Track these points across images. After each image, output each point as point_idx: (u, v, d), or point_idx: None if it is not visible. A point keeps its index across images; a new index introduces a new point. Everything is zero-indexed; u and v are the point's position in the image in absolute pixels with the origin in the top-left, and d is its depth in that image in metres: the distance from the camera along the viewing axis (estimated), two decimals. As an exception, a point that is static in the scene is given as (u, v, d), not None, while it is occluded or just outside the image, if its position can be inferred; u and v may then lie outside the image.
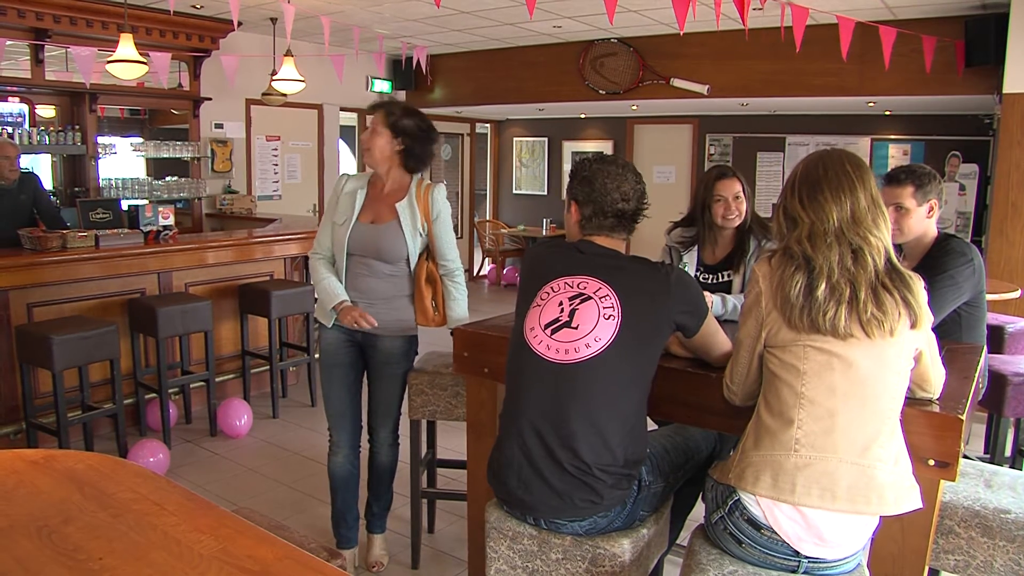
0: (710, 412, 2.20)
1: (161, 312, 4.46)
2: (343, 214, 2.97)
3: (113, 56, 5.16)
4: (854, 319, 1.81)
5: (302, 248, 5.73)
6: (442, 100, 9.30)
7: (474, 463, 2.73)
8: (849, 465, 1.79)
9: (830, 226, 1.86)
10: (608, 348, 2.02)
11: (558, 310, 2.10)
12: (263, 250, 5.49)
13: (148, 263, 4.79)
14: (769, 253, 1.97)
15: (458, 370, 2.70)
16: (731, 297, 2.94)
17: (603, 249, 2.17)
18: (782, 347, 1.88)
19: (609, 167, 2.17)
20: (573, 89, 8.23)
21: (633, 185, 2.16)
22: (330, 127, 8.81)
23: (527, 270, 2.29)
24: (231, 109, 7.67)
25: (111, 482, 1.58)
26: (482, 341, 2.62)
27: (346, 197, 3.00)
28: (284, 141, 8.35)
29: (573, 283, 2.12)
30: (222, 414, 4.82)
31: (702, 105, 8.32)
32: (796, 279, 1.84)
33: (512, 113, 10.82)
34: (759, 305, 1.92)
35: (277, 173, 8.32)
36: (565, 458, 2.02)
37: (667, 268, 2.11)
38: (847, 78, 6.70)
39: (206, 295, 5.05)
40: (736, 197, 3.10)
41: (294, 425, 5.09)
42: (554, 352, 2.06)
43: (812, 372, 1.83)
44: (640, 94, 7.89)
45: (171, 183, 7.07)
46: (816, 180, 1.89)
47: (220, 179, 7.64)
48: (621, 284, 2.08)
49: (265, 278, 5.54)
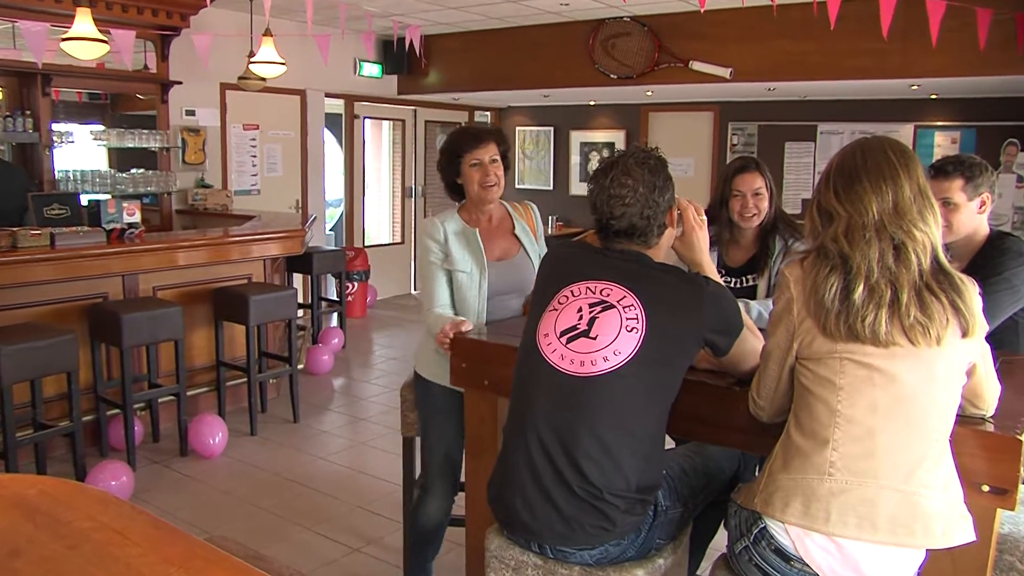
0: (734, 429, 2.19)
1: (126, 319, 4.46)
2: (463, 259, 2.99)
3: (68, 33, 5.10)
4: (896, 324, 1.79)
5: (283, 248, 5.75)
6: (437, 86, 9.30)
7: (473, 484, 2.73)
8: (891, 492, 1.79)
9: (869, 219, 1.84)
10: (628, 363, 2.02)
11: (576, 317, 2.10)
12: (240, 250, 5.49)
13: (111, 265, 4.79)
14: (801, 254, 1.96)
15: (456, 382, 2.71)
16: (756, 304, 2.94)
17: (631, 253, 2.17)
18: (816, 359, 1.87)
19: (601, 179, 2.17)
20: (582, 73, 8.20)
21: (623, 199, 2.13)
22: (314, 115, 8.79)
23: (546, 270, 2.32)
24: (204, 94, 7.66)
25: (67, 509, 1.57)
26: (482, 351, 2.63)
27: (457, 240, 3.02)
28: (263, 130, 8.35)
29: (596, 289, 2.12)
30: (194, 431, 4.82)
31: (724, 90, 8.27)
32: (831, 281, 1.84)
33: (515, 100, 10.78)
34: (790, 312, 1.92)
35: (255, 166, 8.32)
36: (574, 480, 2.02)
37: (701, 280, 2.11)
38: (888, 58, 6.66)
39: (176, 300, 5.06)
40: (756, 193, 3.09)
41: (274, 443, 5.11)
42: (568, 363, 2.07)
43: (850, 387, 1.82)
44: (656, 78, 7.86)
45: (137, 176, 7.07)
46: (853, 169, 1.88)
47: (192, 172, 7.64)
48: (648, 294, 2.08)
49: (242, 281, 5.57)
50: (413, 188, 10.32)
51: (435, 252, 3.01)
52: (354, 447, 5.10)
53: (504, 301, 3.06)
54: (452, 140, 3.05)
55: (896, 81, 7.00)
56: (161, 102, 7.25)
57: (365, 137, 9.78)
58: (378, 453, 4.98)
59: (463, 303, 3.01)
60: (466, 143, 3.00)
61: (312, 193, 8.88)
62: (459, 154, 2.99)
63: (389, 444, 5.06)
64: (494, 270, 3.01)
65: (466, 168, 2.99)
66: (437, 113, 10.48)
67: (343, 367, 7.01)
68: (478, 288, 3.00)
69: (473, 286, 3.00)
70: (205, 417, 4.91)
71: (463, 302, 3.01)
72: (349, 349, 7.53)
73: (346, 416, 5.74)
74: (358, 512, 4.13)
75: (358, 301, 8.90)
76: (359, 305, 8.93)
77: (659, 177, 2.19)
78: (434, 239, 3.02)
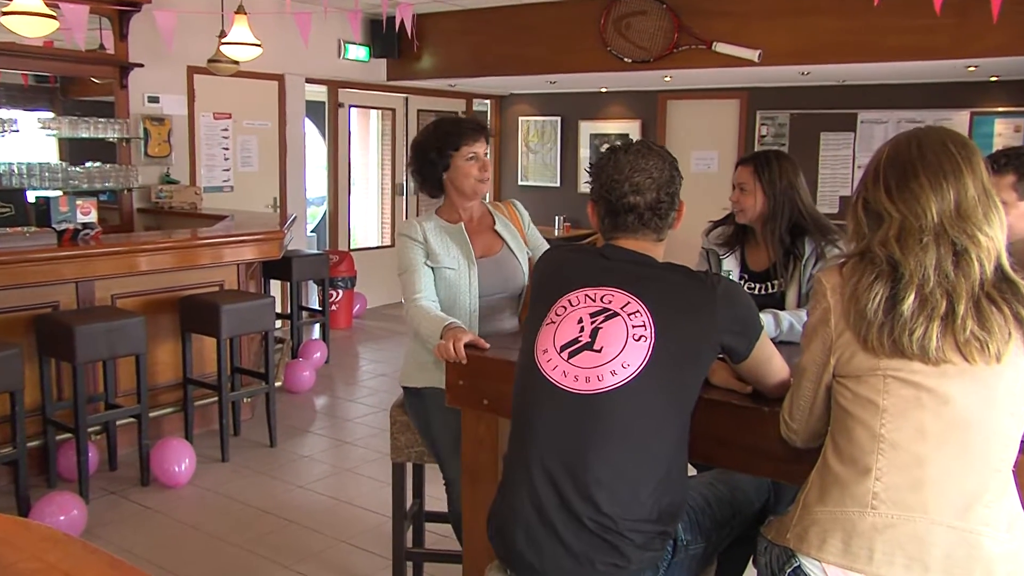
0: (763, 455, 2.19)
1: (80, 331, 4.45)
2: (449, 256, 3.10)
3: (10, 7, 5.04)
4: (948, 340, 1.78)
5: (259, 252, 5.75)
6: (431, 71, 9.30)
7: (471, 516, 2.74)
8: (945, 529, 1.77)
9: (927, 222, 1.82)
10: (638, 376, 2.03)
11: (577, 329, 2.11)
12: (211, 254, 5.49)
13: (63, 270, 4.76)
14: (840, 259, 1.97)
15: (452, 402, 2.72)
16: (786, 314, 2.97)
17: (633, 255, 2.20)
18: (856, 377, 1.86)
19: (619, 154, 2.24)
20: (592, 57, 8.20)
21: (649, 173, 2.20)
22: (294, 103, 8.78)
23: (540, 278, 2.34)
24: (169, 79, 7.64)
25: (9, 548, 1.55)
26: (481, 366, 2.63)
27: (439, 236, 3.13)
28: (237, 120, 8.31)
29: (596, 296, 2.14)
30: (157, 458, 4.81)
31: (752, 75, 8.27)
32: (876, 290, 1.83)
33: (517, 87, 10.80)
34: (826, 324, 1.91)
35: (228, 159, 8.31)
36: (584, 511, 2.02)
37: (712, 278, 2.14)
38: (940, 36, 6.63)
39: (138, 309, 5.03)
40: (741, 188, 3.25)
41: (249, 471, 5.09)
42: (572, 380, 2.08)
43: (895, 409, 1.81)
44: (675, 62, 7.84)
45: (92, 170, 7.03)
46: (908, 164, 1.86)
47: (156, 166, 7.64)
48: (654, 298, 2.09)
49: (213, 289, 5.56)
50: (404, 185, 10.32)
51: (415, 249, 3.11)
52: (338, 474, 5.10)
53: (493, 301, 3.15)
54: (446, 131, 3.13)
55: (950, 62, 6.97)
56: (120, 87, 7.23)
57: (351, 128, 9.78)
58: (365, 481, 4.97)
59: (454, 303, 3.08)
60: (466, 134, 3.10)
61: (292, 190, 8.88)
62: (456, 146, 3.09)
63: (378, 471, 5.05)
64: (483, 267, 3.11)
65: (460, 161, 3.10)
66: (431, 101, 10.49)
67: (326, 384, 6.99)
68: (468, 284, 3.08)
69: (463, 283, 3.08)
70: (170, 441, 4.89)
71: (454, 301, 3.08)
72: (333, 364, 7.52)
73: (329, 439, 5.74)
74: (343, 548, 4.11)
75: (343, 311, 8.90)
76: (344, 315, 8.93)
77: (677, 168, 2.27)
78: (412, 238, 3.11)
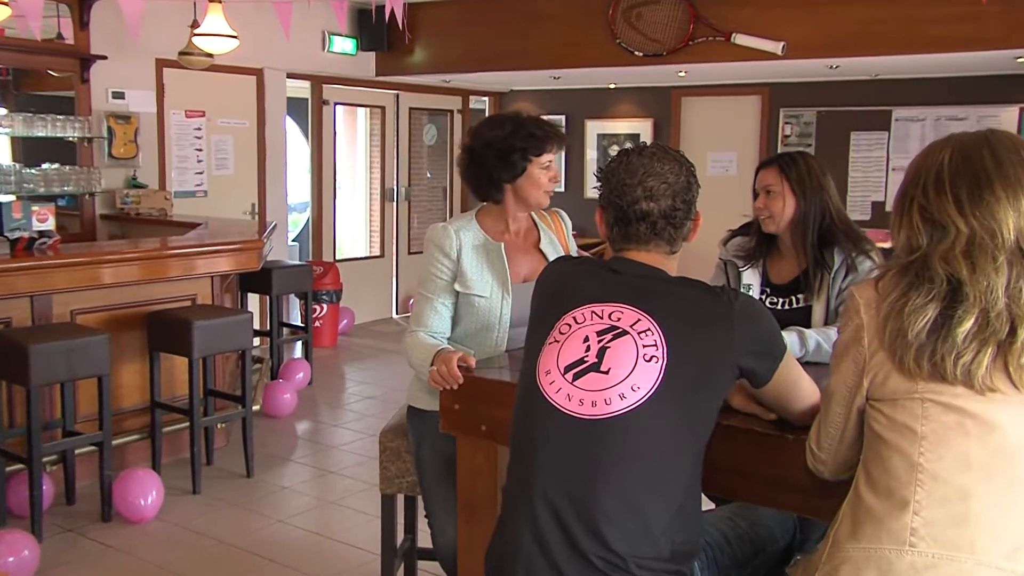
0: (787, 487, 2.19)
1: (34, 350, 4.43)
2: (482, 281, 3.03)
3: (-48, -8, 5.07)
4: (998, 367, 1.77)
5: (235, 263, 5.75)
6: (425, 65, 9.33)
7: (467, 554, 2.75)
8: (994, 571, 1.76)
9: (1004, 240, 1.80)
10: (649, 400, 2.03)
11: (583, 348, 2.12)
12: (182, 265, 5.48)
13: (16, 283, 4.75)
14: (877, 272, 1.96)
15: (447, 428, 2.72)
16: (813, 332, 2.97)
17: (643, 268, 2.20)
18: (891, 400, 1.85)
19: (632, 157, 2.23)
20: (600, 50, 8.24)
21: (664, 177, 2.19)
22: (274, 100, 8.83)
23: (542, 293, 2.35)
24: (136, 73, 7.64)
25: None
26: (479, 389, 2.64)
27: (476, 256, 3.06)
28: (211, 118, 8.35)
29: (603, 313, 2.14)
30: (120, 490, 4.76)
31: (775, 69, 8.29)
32: (926, 311, 1.80)
33: (518, 83, 10.84)
34: (858, 343, 1.91)
35: (201, 161, 8.33)
36: (591, 548, 2.01)
37: (728, 293, 2.13)
38: (986, 25, 6.63)
39: (101, 326, 5.03)
40: (767, 191, 3.23)
41: (222, 504, 5.07)
42: (577, 404, 2.08)
43: (935, 436, 1.80)
44: (690, 56, 7.88)
45: (50, 172, 7.04)
46: (982, 172, 1.84)
47: (121, 168, 7.64)
48: (667, 315, 2.09)
49: (184, 303, 5.54)
50: (395, 190, 10.35)
51: (443, 267, 3.05)
52: (322, 507, 5.09)
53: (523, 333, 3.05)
54: (531, 132, 3.05)
55: (996, 53, 6.96)
56: (81, 81, 7.25)
57: (336, 127, 9.82)
58: (351, 515, 4.96)
59: (480, 334, 3.05)
60: (551, 140, 3.05)
61: (272, 195, 8.91)
62: (539, 151, 3.02)
63: (365, 503, 5.04)
64: (519, 293, 3.02)
65: (537, 169, 3.04)
66: (424, 98, 10.52)
67: (309, 408, 6.97)
68: (499, 316, 3.04)
69: (493, 313, 3.04)
70: (135, 472, 4.84)
71: (480, 332, 3.05)
72: (316, 386, 7.51)
73: (312, 469, 5.72)
74: (324, 589, 4.11)
75: (328, 327, 8.91)
76: (329, 332, 8.94)
77: (694, 174, 2.26)
78: (445, 253, 3.04)
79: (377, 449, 3.38)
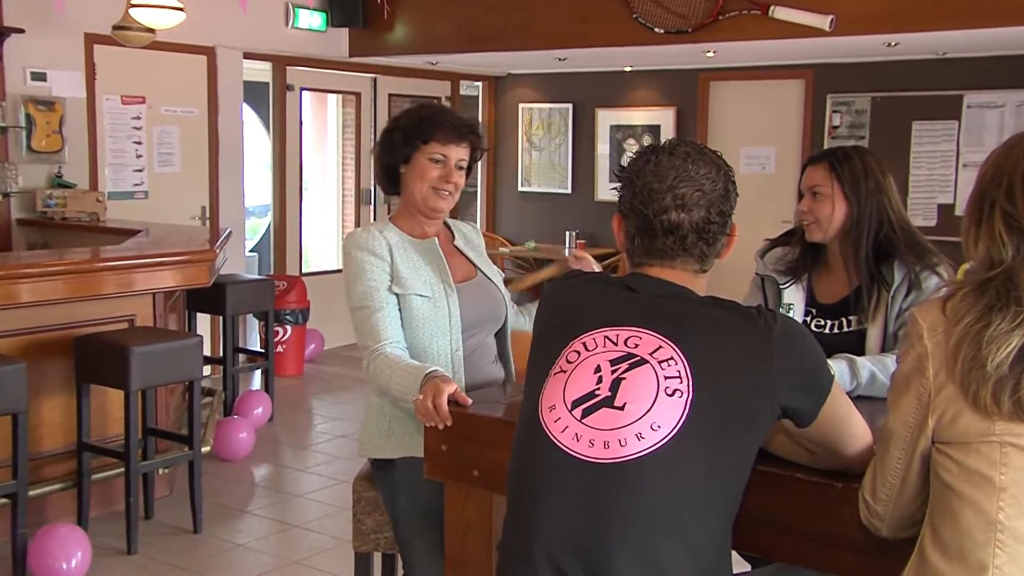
0: (838, 546, 2.18)
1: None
2: (419, 280, 3.16)
3: None
4: None
5: (182, 277, 5.73)
6: (407, 44, 9.37)
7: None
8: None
9: None
10: (672, 441, 2.02)
11: (593, 380, 2.11)
12: (118, 280, 5.45)
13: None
14: (945, 291, 1.95)
15: (432, 473, 2.74)
16: (866, 361, 2.97)
17: (666, 286, 2.20)
18: (962, 444, 1.85)
19: (662, 156, 2.23)
20: (613, 27, 8.28)
21: (699, 184, 2.19)
22: (228, 84, 8.88)
23: (546, 316, 2.37)
24: (60, 50, 7.63)
25: None
26: (470, 427, 2.65)
27: (406, 255, 3.19)
28: (153, 105, 8.37)
29: (618, 338, 2.14)
30: (38, 551, 4.69)
31: (821, 48, 8.33)
32: (1011, 339, 1.80)
33: (517, 65, 10.89)
34: (922, 374, 1.90)
35: (141, 156, 8.33)
36: (601, 613, 2.00)
37: (767, 316, 2.12)
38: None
39: (17, 353, 5.01)
40: (813, 192, 3.22)
41: (163, 566, 5.05)
42: (586, 445, 2.07)
43: (1017, 488, 1.80)
44: (720, 33, 7.91)
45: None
46: None
47: (43, 164, 7.64)
48: (693, 341, 2.09)
49: (120, 325, 5.53)
50: (372, 190, 10.38)
51: (380, 271, 3.16)
52: (284, 568, 5.08)
53: (479, 340, 3.25)
54: (423, 116, 3.21)
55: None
56: (-10, 59, 7.25)
57: (303, 117, 9.83)
58: (318, 577, 4.93)
59: (430, 341, 3.14)
60: (438, 128, 3.17)
61: (226, 197, 8.94)
62: (423, 138, 3.16)
63: (334, 563, 5.04)
64: (466, 295, 3.20)
65: (422, 158, 3.18)
66: (407, 83, 10.58)
67: (269, 449, 7.00)
68: (447, 318, 3.14)
69: (440, 316, 3.14)
70: (56, 529, 4.78)
71: (429, 340, 3.13)
72: (278, 423, 7.55)
73: (272, 522, 5.73)
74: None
75: (292, 353, 8.96)
76: (293, 359, 8.99)
77: (733, 181, 2.26)
78: (377, 255, 3.16)
79: (350, 498, 3.41)
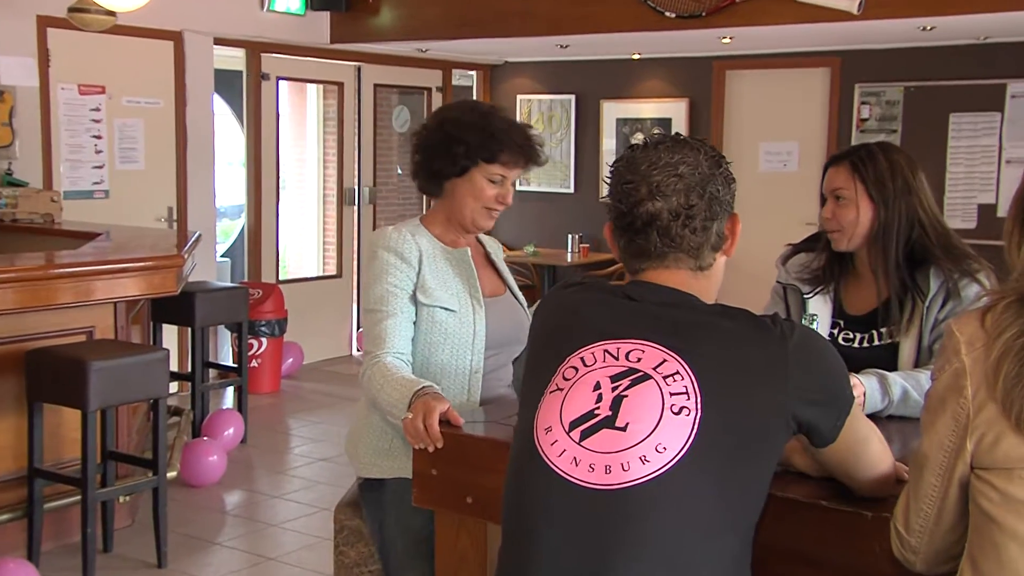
0: (864, 581, 2.17)
1: None
2: (447, 292, 3.17)
3: None
4: None
5: (148, 285, 5.72)
6: (395, 30, 9.41)
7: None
8: None
9: None
10: (680, 463, 2.02)
11: (593, 398, 2.12)
12: (75, 289, 5.42)
13: None
14: (985, 302, 1.95)
15: (422, 500, 2.78)
16: (899, 377, 2.98)
17: (668, 293, 2.21)
18: (1005, 470, 1.85)
19: (637, 151, 2.27)
20: (620, 10, 8.33)
21: (674, 169, 2.20)
22: (197, 73, 8.91)
23: (542, 328, 2.39)
24: (9, 34, 7.66)
25: None
26: (463, 450, 2.70)
27: (434, 262, 3.20)
28: (114, 95, 8.40)
29: (619, 352, 2.15)
30: (-19, 589, 4.71)
31: (848, 33, 8.37)
32: None
33: (514, 52, 10.94)
34: (960, 393, 1.89)
35: (101, 152, 8.35)
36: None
37: (782, 326, 2.13)
38: None
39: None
40: (837, 197, 3.22)
41: (122, 604, 4.98)
42: (586, 470, 2.07)
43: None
44: (736, 17, 7.95)
45: None
46: None
47: (-8, 160, 7.65)
48: (700, 354, 2.10)
49: (78, 338, 5.54)
50: (356, 190, 10.41)
51: (404, 276, 3.15)
52: (256, 608, 4.99)
53: (498, 359, 3.27)
54: (486, 133, 3.13)
55: None
56: (-69, 45, 7.27)
57: (280, 109, 9.84)
58: (295, 618, 4.86)
59: (449, 357, 3.16)
60: (505, 149, 3.13)
61: (195, 197, 8.96)
62: (488, 157, 3.13)
63: (313, 603, 4.94)
64: (494, 311, 3.22)
65: (480, 177, 3.15)
66: (393, 73, 10.61)
67: (241, 474, 7.02)
68: (471, 334, 3.16)
69: (464, 332, 3.17)
70: (4, 564, 4.80)
71: (449, 355, 3.16)
72: (252, 445, 7.56)
73: (244, 555, 5.74)
74: None
75: (268, 368, 8.99)
76: (269, 375, 9.02)
77: (723, 165, 2.27)
78: (405, 259, 3.16)
79: (330, 528, 3.39)
